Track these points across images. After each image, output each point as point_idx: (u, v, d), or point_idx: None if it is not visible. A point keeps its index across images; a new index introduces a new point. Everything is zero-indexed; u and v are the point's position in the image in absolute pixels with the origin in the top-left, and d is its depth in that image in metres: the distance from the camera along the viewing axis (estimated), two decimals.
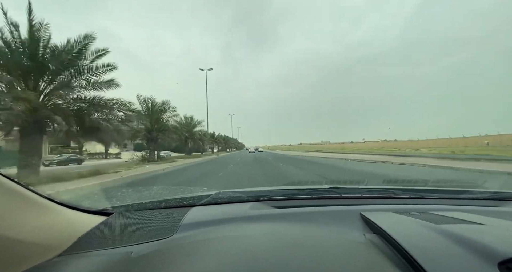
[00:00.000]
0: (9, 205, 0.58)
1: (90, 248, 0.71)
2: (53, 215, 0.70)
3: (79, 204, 0.85)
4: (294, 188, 1.39)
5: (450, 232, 0.62)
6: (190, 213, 0.95)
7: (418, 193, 1.20)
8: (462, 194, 1.22)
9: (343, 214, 0.93)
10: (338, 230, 0.78)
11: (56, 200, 0.74)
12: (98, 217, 0.89)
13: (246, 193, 1.20)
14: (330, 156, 23.29)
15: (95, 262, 0.62)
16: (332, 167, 12.73)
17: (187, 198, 1.14)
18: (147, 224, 0.87)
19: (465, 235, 0.59)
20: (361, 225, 0.81)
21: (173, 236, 0.77)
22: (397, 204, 1.07)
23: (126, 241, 0.75)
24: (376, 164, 14.17)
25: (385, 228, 0.69)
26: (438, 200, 1.16)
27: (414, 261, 0.52)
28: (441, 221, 0.73)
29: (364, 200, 1.15)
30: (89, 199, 4.96)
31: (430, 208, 0.99)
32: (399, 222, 0.77)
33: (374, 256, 0.58)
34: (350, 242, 0.66)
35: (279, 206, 1.04)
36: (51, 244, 0.65)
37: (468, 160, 13.59)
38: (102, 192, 5.73)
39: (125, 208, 1.03)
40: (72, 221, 0.77)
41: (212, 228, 0.81)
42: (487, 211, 0.96)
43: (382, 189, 1.26)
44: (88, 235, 0.77)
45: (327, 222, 0.85)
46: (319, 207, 1.03)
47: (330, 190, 1.22)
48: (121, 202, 1.46)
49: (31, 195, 0.65)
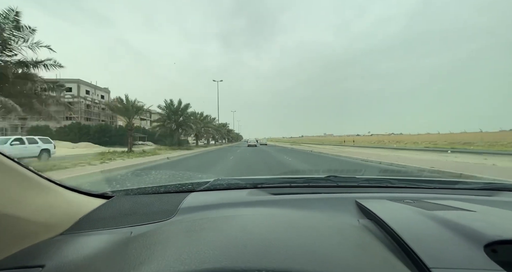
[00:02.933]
0: (11, 184, 0.59)
1: (91, 228, 0.73)
2: (54, 195, 0.71)
3: (79, 186, 0.87)
4: (292, 176, 1.41)
5: (441, 218, 0.63)
6: (188, 198, 0.97)
7: (413, 182, 1.22)
8: (456, 184, 1.24)
9: (339, 201, 0.95)
10: (334, 215, 0.80)
11: (56, 181, 0.76)
12: (98, 200, 0.91)
13: (244, 180, 1.22)
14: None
15: (95, 240, 0.64)
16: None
17: (186, 184, 1.15)
18: (146, 207, 0.88)
19: (456, 220, 0.60)
20: (356, 211, 0.83)
21: (171, 219, 0.79)
22: (393, 193, 1.09)
23: (126, 222, 0.77)
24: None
25: (378, 214, 0.71)
26: (433, 189, 1.18)
27: (405, 244, 0.54)
28: (434, 208, 0.74)
29: (361, 188, 1.17)
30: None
31: (424, 196, 1.00)
32: (393, 208, 0.79)
33: (367, 238, 0.60)
34: (344, 224, 0.68)
35: (276, 193, 1.06)
36: (52, 223, 0.67)
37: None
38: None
39: (125, 192, 1.05)
40: (73, 202, 0.78)
41: (211, 211, 0.83)
42: (479, 200, 0.98)
43: (378, 178, 1.28)
44: (88, 216, 0.79)
45: (323, 208, 0.87)
46: (316, 194, 1.05)
47: (327, 179, 1.23)
48: (121, 186, 1.48)
49: (32, 176, 0.67)
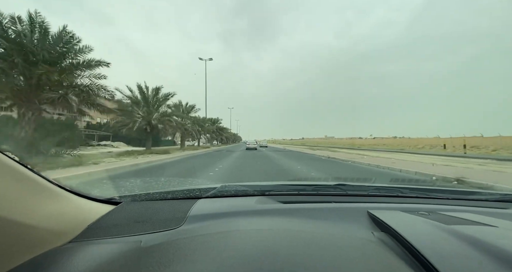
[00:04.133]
0: (21, 190, 0.58)
1: (100, 236, 0.71)
2: (64, 202, 0.70)
3: (88, 192, 0.85)
4: (300, 183, 1.39)
5: (462, 233, 0.61)
6: (197, 205, 0.96)
7: (425, 192, 1.20)
8: (470, 195, 1.21)
9: (350, 211, 0.93)
10: (346, 227, 0.78)
11: (66, 187, 0.74)
12: (106, 206, 0.90)
13: (251, 187, 1.20)
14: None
15: (105, 249, 0.63)
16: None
17: (193, 190, 1.14)
18: (154, 215, 0.87)
19: (478, 237, 0.58)
20: (369, 223, 0.81)
21: (181, 227, 0.77)
22: (405, 203, 1.07)
23: (134, 230, 0.75)
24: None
25: (394, 226, 0.69)
26: (446, 200, 1.16)
27: (427, 261, 0.51)
28: (451, 222, 0.72)
29: (371, 198, 1.15)
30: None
31: (438, 208, 0.98)
32: (408, 221, 0.77)
33: (385, 254, 0.58)
34: (359, 239, 0.66)
35: (285, 201, 1.04)
36: (62, 231, 0.66)
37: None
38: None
39: (132, 198, 1.04)
40: (82, 209, 0.77)
41: (220, 220, 0.81)
42: (496, 213, 0.96)
43: (389, 187, 1.25)
44: (97, 223, 0.77)
45: (335, 219, 0.85)
46: (325, 203, 1.03)
47: (336, 187, 1.21)
48: (129, 192, 1.48)
49: (43, 182, 0.65)
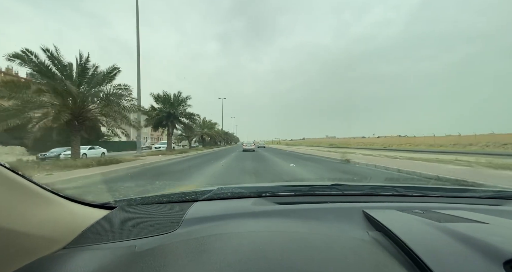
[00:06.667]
0: (14, 198, 0.57)
1: (94, 241, 0.71)
2: (57, 208, 0.70)
3: (82, 197, 0.85)
4: (296, 184, 1.39)
5: (454, 230, 0.62)
6: (192, 208, 0.95)
7: (420, 191, 1.20)
8: (464, 192, 1.22)
9: (346, 211, 0.93)
10: (342, 227, 0.78)
11: (59, 193, 0.74)
12: (101, 211, 0.89)
13: (248, 188, 1.20)
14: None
15: (99, 255, 0.62)
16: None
17: (189, 193, 1.13)
18: (150, 219, 0.87)
19: (470, 234, 0.59)
20: (364, 222, 0.82)
21: (176, 231, 0.77)
22: (400, 202, 1.08)
23: (129, 235, 0.75)
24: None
25: (388, 225, 0.70)
26: (440, 198, 1.16)
27: (419, 259, 0.52)
28: (444, 220, 0.73)
29: (366, 197, 1.16)
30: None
31: (432, 206, 0.99)
32: (403, 220, 0.78)
33: (379, 254, 0.58)
34: (354, 239, 0.67)
35: (281, 202, 1.04)
36: (55, 237, 0.65)
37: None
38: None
39: (128, 202, 1.03)
40: (76, 214, 0.77)
41: (216, 223, 0.81)
42: (489, 209, 0.97)
43: (384, 186, 1.26)
44: (91, 229, 0.77)
45: (330, 219, 0.85)
46: (322, 203, 1.03)
47: (332, 187, 1.21)
48: (123, 196, 1.47)
49: (36, 188, 0.65)
